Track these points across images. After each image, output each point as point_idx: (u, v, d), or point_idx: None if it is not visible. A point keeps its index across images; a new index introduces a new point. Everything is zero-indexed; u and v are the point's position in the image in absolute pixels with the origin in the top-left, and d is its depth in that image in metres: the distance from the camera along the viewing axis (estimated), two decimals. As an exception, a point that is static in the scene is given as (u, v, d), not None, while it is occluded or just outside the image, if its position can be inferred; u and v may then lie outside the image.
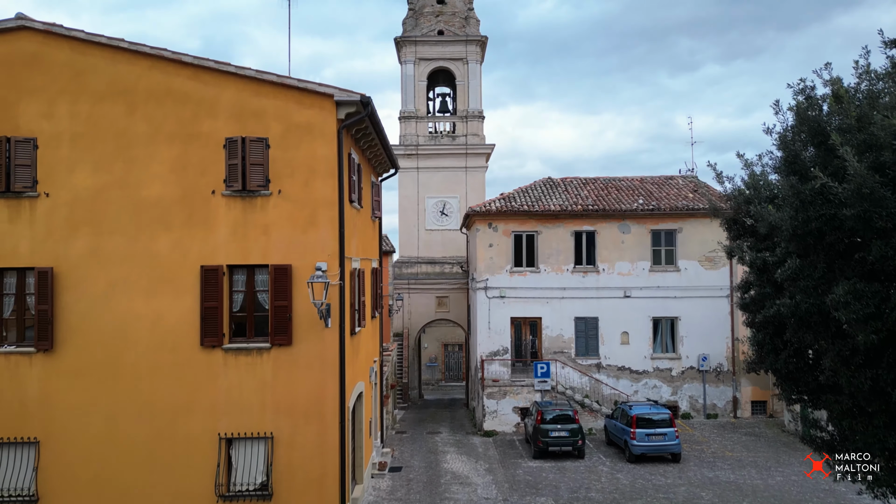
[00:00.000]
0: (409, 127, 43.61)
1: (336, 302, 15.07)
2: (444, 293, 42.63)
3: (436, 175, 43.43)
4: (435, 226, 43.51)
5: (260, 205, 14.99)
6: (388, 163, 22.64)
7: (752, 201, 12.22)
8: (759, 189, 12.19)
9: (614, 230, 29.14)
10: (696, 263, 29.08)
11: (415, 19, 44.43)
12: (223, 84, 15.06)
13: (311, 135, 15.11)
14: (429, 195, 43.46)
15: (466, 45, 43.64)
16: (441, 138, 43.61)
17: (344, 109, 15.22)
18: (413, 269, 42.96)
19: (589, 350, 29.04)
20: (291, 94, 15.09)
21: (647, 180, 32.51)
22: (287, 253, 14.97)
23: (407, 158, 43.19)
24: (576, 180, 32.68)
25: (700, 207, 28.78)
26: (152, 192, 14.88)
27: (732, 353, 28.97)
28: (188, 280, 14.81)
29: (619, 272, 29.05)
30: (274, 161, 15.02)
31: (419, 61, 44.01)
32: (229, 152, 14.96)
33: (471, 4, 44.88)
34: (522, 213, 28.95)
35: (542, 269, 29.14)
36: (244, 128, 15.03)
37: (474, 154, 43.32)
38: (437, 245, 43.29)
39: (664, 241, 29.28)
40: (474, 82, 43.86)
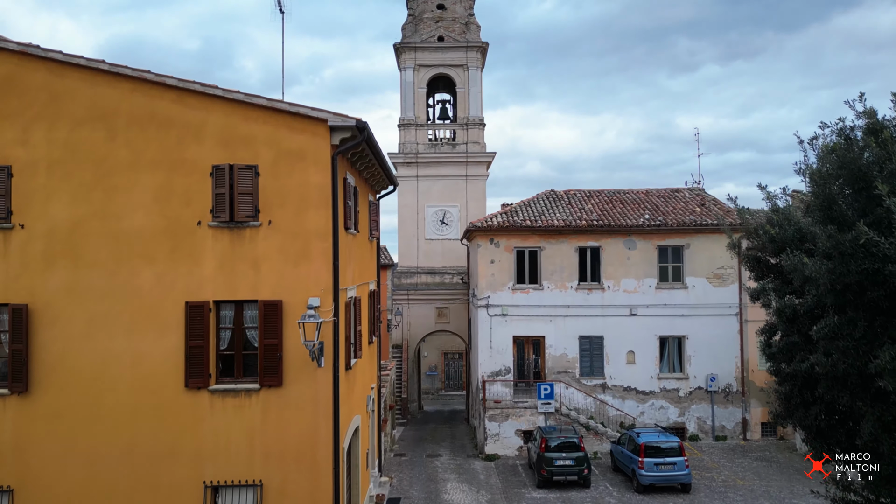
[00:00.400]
0: (408, 134, 42.71)
1: (330, 339, 14.13)
2: (444, 304, 41.76)
3: (436, 184, 42.56)
4: (435, 235, 42.64)
5: (249, 236, 14.05)
6: (385, 180, 21.70)
7: (777, 240, 11.28)
8: (785, 227, 11.23)
9: (620, 246, 28.22)
10: (704, 280, 28.16)
11: (414, 25, 43.51)
12: (210, 108, 14.11)
13: (304, 162, 14.17)
14: (428, 204, 42.58)
15: (467, 51, 42.74)
16: (441, 146, 42.72)
17: (338, 135, 14.29)
18: (412, 279, 42.08)
19: (594, 370, 28.12)
20: (282, 118, 14.14)
21: (653, 193, 31.57)
22: (277, 287, 14.03)
23: (406, 166, 42.34)
24: (579, 193, 31.74)
25: (708, 223, 27.87)
26: (134, 222, 13.94)
27: (742, 372, 28.05)
28: (172, 317, 13.87)
29: (624, 289, 28.13)
30: (264, 190, 14.08)
31: (419, 68, 43.10)
32: (216, 181, 14.02)
33: (471, 10, 43.95)
34: (525, 229, 28.02)
35: (546, 286, 28.22)
36: (232, 155, 14.09)
37: (475, 162, 42.43)
38: (437, 255, 42.42)
39: (671, 258, 28.36)
40: (475, 89, 42.95)
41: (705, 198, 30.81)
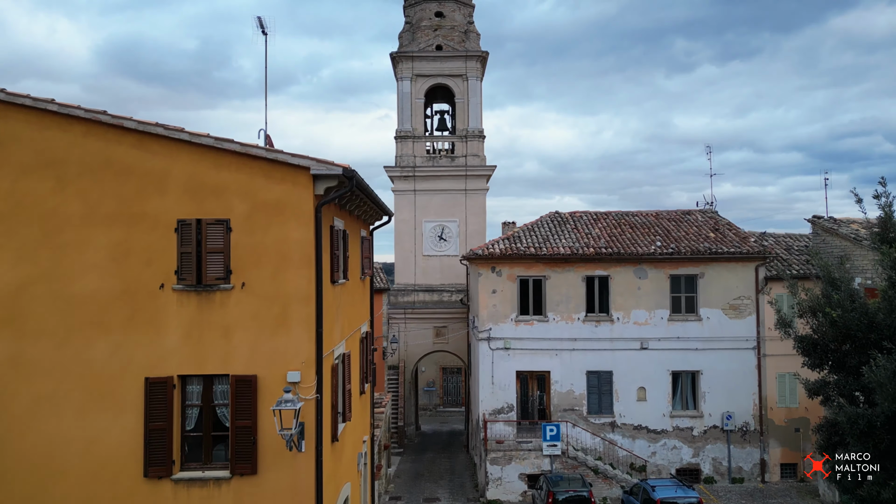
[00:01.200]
0: (405, 147, 40.89)
1: (312, 416, 12.30)
2: (443, 323, 40.01)
3: (434, 198, 40.78)
4: (433, 251, 40.89)
5: (219, 301, 12.20)
6: (379, 212, 19.86)
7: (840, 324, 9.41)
8: (849, 309, 9.36)
9: (630, 275, 26.39)
10: (720, 312, 26.33)
11: (412, 33, 41.64)
12: (175, 154, 12.26)
13: (283, 215, 12.33)
14: (426, 219, 40.80)
15: (466, 60, 40.89)
16: (439, 159, 40.90)
17: (323, 184, 12.44)
18: (410, 297, 40.29)
19: (602, 407, 26.30)
20: (258, 166, 12.30)
21: (663, 216, 29.71)
22: (252, 360, 12.19)
23: (403, 180, 40.56)
24: (585, 215, 29.89)
25: (724, 251, 26.05)
26: (87, 286, 12.08)
27: (759, 410, 26.23)
28: (130, 394, 12.03)
29: (635, 321, 26.31)
30: (237, 247, 12.24)
31: (416, 77, 41.25)
32: (182, 237, 12.17)
33: (471, 18, 42.10)
34: (529, 257, 26.18)
35: (551, 317, 26.38)
36: (200, 207, 12.24)
37: (474, 176, 40.66)
38: (436, 272, 40.66)
39: (684, 288, 26.52)
40: (474, 100, 41.12)
41: (719, 221, 28.97)
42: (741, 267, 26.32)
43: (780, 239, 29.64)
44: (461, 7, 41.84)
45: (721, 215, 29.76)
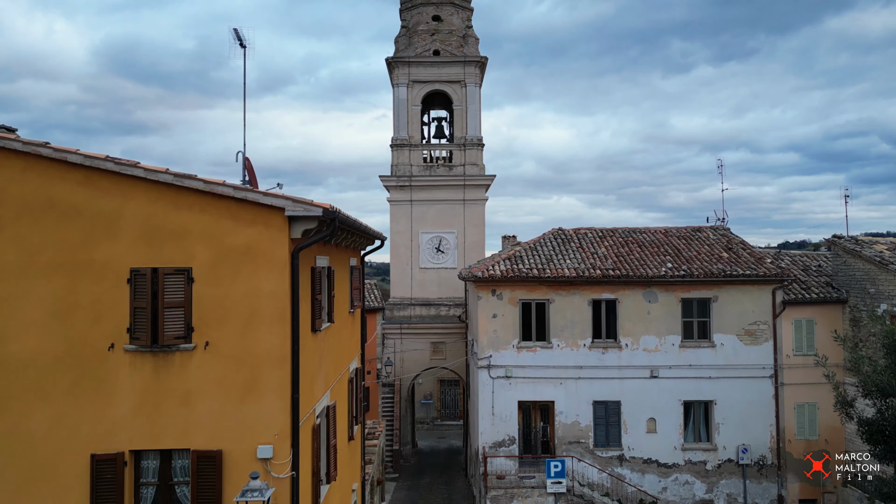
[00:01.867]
0: (401, 155, 39.18)
1: (287, 495, 10.56)
2: (440, 339, 38.39)
3: (431, 208, 39.10)
4: (430, 264, 39.22)
5: (179, 363, 10.48)
6: (370, 237, 18.11)
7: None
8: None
9: (639, 298, 24.65)
10: (735, 338, 24.61)
11: (408, 38, 39.90)
12: (128, 193, 10.53)
13: (254, 263, 10.61)
14: (423, 230, 39.13)
15: (465, 66, 39.18)
16: (437, 167, 39.18)
17: (300, 226, 10.72)
18: (406, 311, 38.60)
19: (610, 439, 24.56)
20: (225, 206, 10.57)
21: (673, 234, 27.96)
22: (216, 432, 10.47)
23: (399, 190, 38.86)
24: (591, 233, 28.13)
25: (739, 273, 24.32)
26: (24, 347, 10.35)
27: (777, 443, 24.51)
28: (74, 473, 10.31)
29: (644, 348, 24.57)
30: (200, 301, 10.51)
31: (413, 84, 39.52)
32: (136, 289, 10.44)
33: (469, 22, 40.36)
34: (532, 279, 24.42)
35: (555, 343, 24.64)
36: (158, 254, 10.51)
37: (473, 185, 39.00)
38: (433, 285, 39.00)
39: (696, 312, 24.79)
40: (473, 107, 39.42)
41: (731, 239, 27.23)
42: (757, 290, 24.59)
43: (796, 258, 27.91)
44: (459, 10, 40.11)
45: (734, 233, 28.02)
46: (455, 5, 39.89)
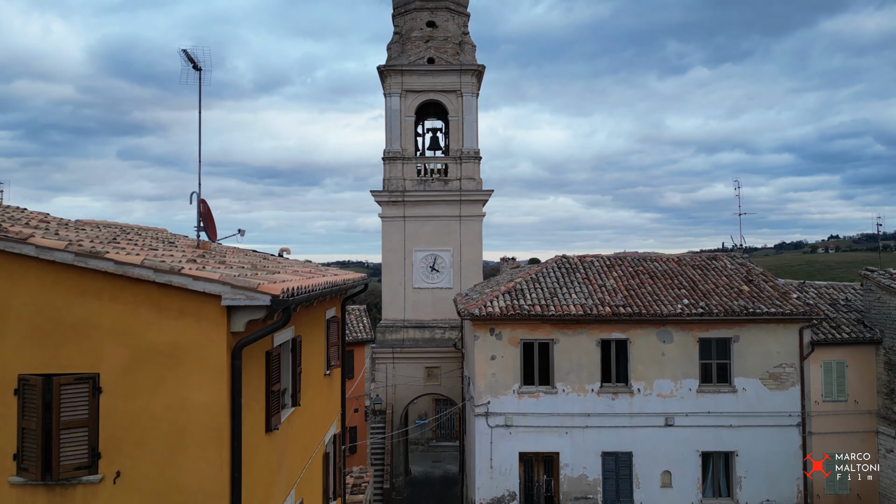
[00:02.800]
0: (393, 169, 36.61)
1: None
2: (435, 363, 35.84)
3: (425, 225, 36.55)
4: (424, 284, 36.67)
5: (81, 501, 7.87)
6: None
7: None
8: None
9: (652, 338, 22.09)
10: (758, 382, 22.07)
11: (401, 45, 37.29)
12: (15, 275, 7.94)
13: (181, 366, 8.03)
14: (417, 248, 36.58)
15: (461, 75, 36.59)
16: (431, 182, 36.62)
17: (243, 317, 8.15)
18: (398, 334, 36.06)
19: (620, 495, 22.00)
20: (144, 292, 7.98)
21: (687, 262, 25.39)
22: (131, 593, 7.85)
23: (391, 206, 36.30)
24: (598, 261, 25.55)
25: (763, 310, 21.76)
26: None
27: (805, 498, 21.97)
28: None
29: (658, 393, 22.02)
30: (109, 418, 7.95)
31: (406, 93, 36.94)
32: (24, 403, 7.86)
33: (465, 28, 37.74)
34: (534, 317, 21.84)
35: (560, 388, 22.08)
36: (54, 357, 7.93)
37: (469, 201, 36.46)
38: (427, 306, 36.45)
39: (716, 353, 22.25)
40: (469, 117, 36.83)
41: (751, 269, 24.67)
42: (783, 329, 22.06)
43: (821, 290, 25.38)
44: (455, 16, 37.51)
45: (753, 262, 25.47)
46: (451, 11, 37.30)
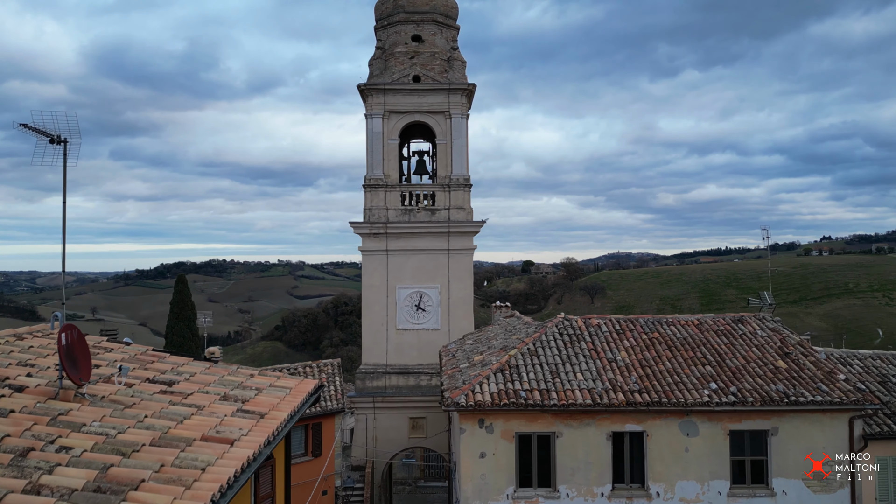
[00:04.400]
0: (375, 198, 32.58)
1: None
2: (420, 413, 32.02)
3: (410, 259, 32.63)
4: (409, 324, 32.74)
5: None
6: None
7: None
8: None
9: (673, 430, 18.13)
10: (800, 483, 18.14)
11: (384, 61, 33.19)
12: None
13: None
14: (401, 285, 32.62)
15: (449, 94, 32.56)
16: (417, 212, 32.64)
17: None
18: (380, 381, 32.13)
19: None
20: None
21: (709, 327, 21.39)
22: None
23: (373, 238, 32.29)
24: (606, 325, 21.52)
25: (807, 398, 17.80)
26: None
27: None
28: None
29: (681, 497, 18.07)
30: None
31: (389, 115, 32.89)
32: None
33: (454, 42, 33.67)
34: (532, 408, 17.82)
35: (564, 492, 18.09)
36: None
37: (459, 233, 32.53)
38: (412, 349, 32.56)
39: (750, 448, 18.31)
40: (459, 141, 32.81)
41: (785, 338, 20.68)
42: (829, 419, 18.14)
43: (867, 362, 21.44)
44: (443, 30, 33.43)
45: (784, 327, 21.49)
46: (438, 24, 33.23)
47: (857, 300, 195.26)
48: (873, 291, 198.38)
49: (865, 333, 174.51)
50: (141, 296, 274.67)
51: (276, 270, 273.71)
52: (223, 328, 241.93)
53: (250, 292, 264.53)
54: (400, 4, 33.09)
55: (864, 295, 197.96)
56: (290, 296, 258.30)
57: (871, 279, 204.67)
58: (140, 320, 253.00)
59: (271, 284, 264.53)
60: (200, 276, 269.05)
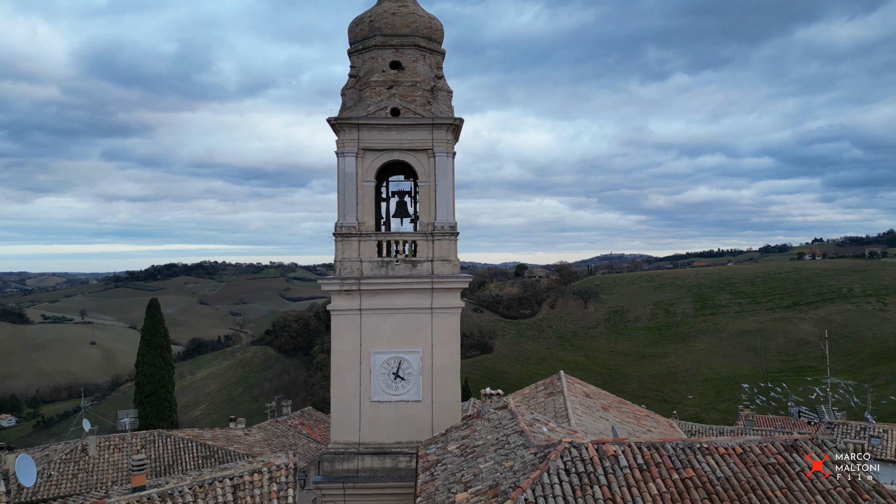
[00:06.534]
0: (347, 249, 27.68)
1: None
2: (400, 501, 27.19)
3: (387, 319, 27.74)
4: (386, 395, 27.82)
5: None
6: None
7: None
8: None
9: None
10: None
11: (358, 91, 28.23)
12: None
13: None
14: (376, 349, 27.73)
15: (433, 129, 27.63)
16: (395, 265, 27.76)
17: None
18: (352, 463, 27.25)
19: None
20: None
21: (755, 457, 16.50)
22: None
23: (345, 296, 27.38)
24: (625, 456, 16.62)
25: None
26: None
27: None
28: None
29: None
30: None
31: (364, 153, 27.94)
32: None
33: (439, 70, 28.71)
34: None
35: None
36: None
37: (444, 289, 27.65)
38: (389, 425, 27.66)
39: None
40: (444, 183, 27.90)
41: (857, 482, 15.78)
42: None
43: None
44: (426, 55, 28.50)
45: (852, 452, 16.65)
46: (420, 49, 28.29)
47: (850, 305, 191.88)
48: (867, 296, 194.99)
49: (860, 339, 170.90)
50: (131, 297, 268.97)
51: (268, 272, 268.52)
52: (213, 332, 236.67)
53: (242, 294, 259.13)
54: (377, 26, 28.13)
55: (857, 300, 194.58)
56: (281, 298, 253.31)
57: (864, 284, 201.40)
58: (130, 322, 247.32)
59: (263, 286, 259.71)
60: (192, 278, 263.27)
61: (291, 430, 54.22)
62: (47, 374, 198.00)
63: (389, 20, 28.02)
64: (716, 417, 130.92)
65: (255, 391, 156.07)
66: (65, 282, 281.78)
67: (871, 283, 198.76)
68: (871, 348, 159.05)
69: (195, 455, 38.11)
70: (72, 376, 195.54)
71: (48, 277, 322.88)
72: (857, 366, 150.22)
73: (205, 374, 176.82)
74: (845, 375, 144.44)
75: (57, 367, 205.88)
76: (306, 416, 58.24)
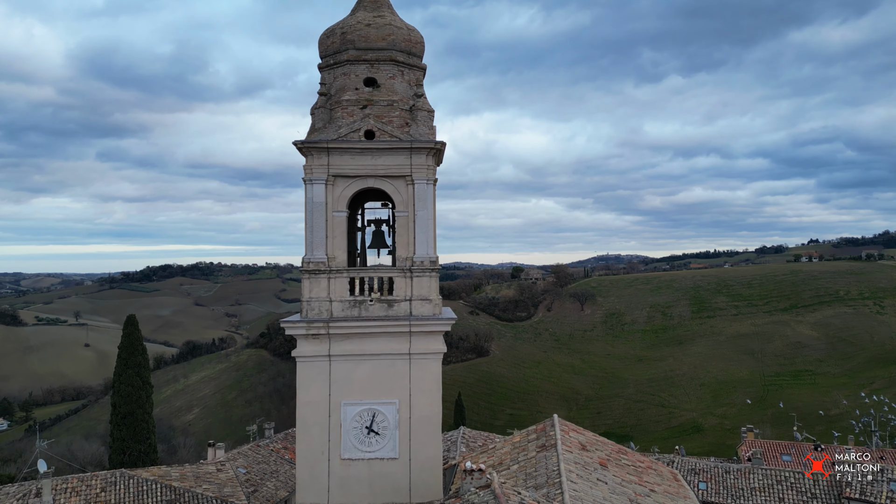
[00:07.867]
0: (316, 287, 24.45)
1: None
2: (377, 574, 23.92)
3: (360, 366, 24.52)
4: (358, 452, 24.52)
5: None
6: None
7: None
8: None
9: None
10: None
11: (328, 111, 24.96)
12: None
13: None
14: (347, 400, 24.45)
15: (411, 154, 24.39)
16: (370, 305, 24.53)
17: None
18: (321, 528, 23.99)
19: None
20: None
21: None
22: None
23: (312, 340, 24.13)
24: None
25: None
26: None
27: None
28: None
29: None
30: None
31: (335, 180, 24.70)
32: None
33: (419, 88, 25.40)
34: None
35: None
36: None
37: (423, 333, 24.40)
38: (361, 486, 24.38)
39: None
40: (424, 213, 24.63)
41: None
42: None
43: None
44: (405, 71, 25.25)
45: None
46: (398, 64, 25.03)
47: (848, 308, 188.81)
48: (864, 299, 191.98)
49: (857, 342, 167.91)
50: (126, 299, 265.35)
51: (264, 273, 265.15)
52: (208, 335, 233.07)
53: (237, 295, 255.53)
54: (349, 39, 24.83)
55: (854, 303, 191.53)
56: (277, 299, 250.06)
57: (861, 287, 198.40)
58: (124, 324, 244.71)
59: (259, 287, 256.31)
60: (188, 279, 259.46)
61: (274, 454, 51.14)
62: (40, 376, 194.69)
63: (364, 32, 24.75)
64: (713, 423, 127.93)
65: (248, 395, 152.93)
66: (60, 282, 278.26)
67: (868, 285, 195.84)
68: (868, 352, 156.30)
69: (159, 499, 34.94)
70: (65, 379, 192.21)
71: (43, 278, 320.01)
72: (855, 369, 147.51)
73: (199, 378, 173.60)
74: (843, 379, 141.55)
75: (50, 370, 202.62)
76: (290, 440, 55.00)
